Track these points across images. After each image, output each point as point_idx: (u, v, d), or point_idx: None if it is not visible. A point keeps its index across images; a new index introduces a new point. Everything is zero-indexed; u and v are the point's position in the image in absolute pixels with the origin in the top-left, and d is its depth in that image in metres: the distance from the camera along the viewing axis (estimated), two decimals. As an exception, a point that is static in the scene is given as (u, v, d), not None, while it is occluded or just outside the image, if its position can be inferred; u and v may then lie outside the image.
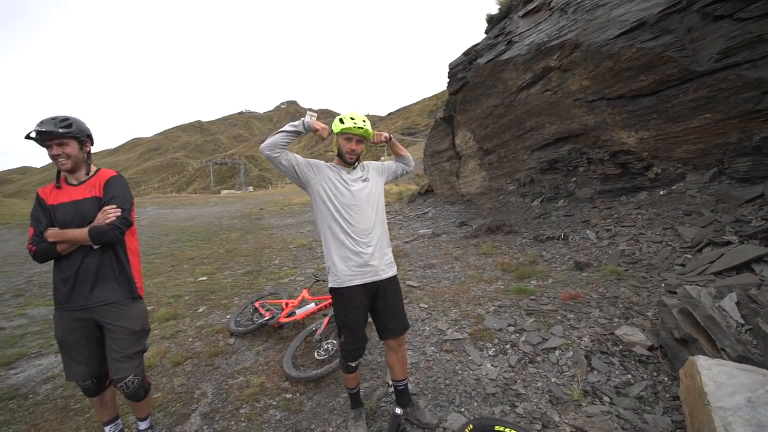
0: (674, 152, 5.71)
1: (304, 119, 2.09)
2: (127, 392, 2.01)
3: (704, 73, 5.01)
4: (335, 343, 3.11)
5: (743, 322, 2.38)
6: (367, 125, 2.11)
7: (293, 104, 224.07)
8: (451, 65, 11.27)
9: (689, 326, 2.50)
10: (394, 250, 2.30)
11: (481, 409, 2.38)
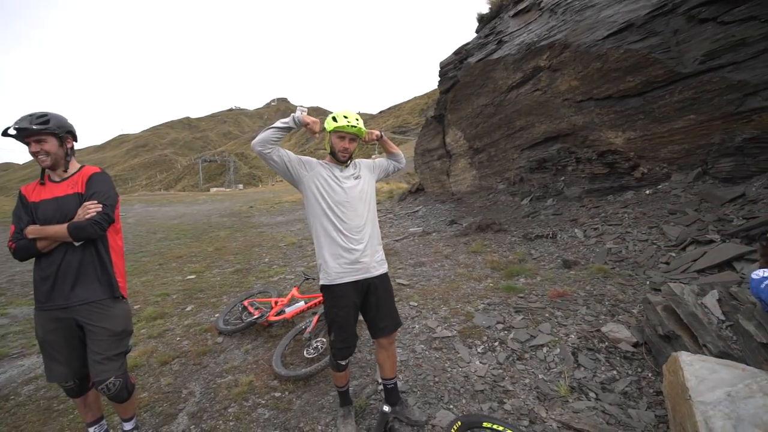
0: (660, 152, 5.82)
1: (294, 114, 2.07)
2: (108, 394, 1.97)
3: (689, 74, 5.11)
4: (324, 341, 3.10)
5: (724, 318, 2.44)
6: (360, 124, 2.11)
7: (284, 101, 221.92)
8: (442, 64, 11.30)
9: (673, 323, 2.56)
10: (384, 248, 2.30)
11: (469, 406, 2.40)
